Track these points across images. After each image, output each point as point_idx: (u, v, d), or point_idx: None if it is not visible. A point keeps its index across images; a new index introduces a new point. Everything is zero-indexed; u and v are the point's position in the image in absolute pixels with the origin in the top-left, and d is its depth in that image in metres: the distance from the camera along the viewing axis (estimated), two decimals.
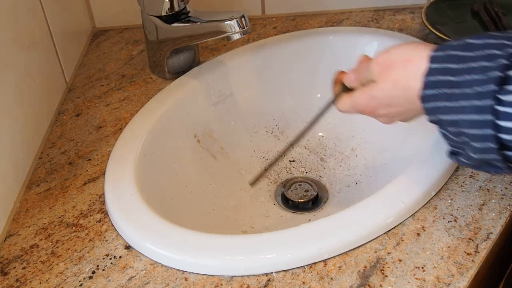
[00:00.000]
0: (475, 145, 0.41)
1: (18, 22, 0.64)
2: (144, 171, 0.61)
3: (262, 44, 0.81)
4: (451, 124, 0.42)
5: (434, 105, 0.43)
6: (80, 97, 0.76)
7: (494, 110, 0.39)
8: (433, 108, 0.43)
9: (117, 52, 0.85)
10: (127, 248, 0.54)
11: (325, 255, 0.50)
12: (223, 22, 0.66)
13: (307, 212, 0.70)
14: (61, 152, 0.66)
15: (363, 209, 0.53)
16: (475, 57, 0.41)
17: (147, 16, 0.72)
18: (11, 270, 0.52)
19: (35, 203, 0.60)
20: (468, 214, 0.54)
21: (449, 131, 0.44)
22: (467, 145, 0.43)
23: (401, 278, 0.48)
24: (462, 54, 0.41)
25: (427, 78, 0.43)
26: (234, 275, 0.50)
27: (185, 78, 0.75)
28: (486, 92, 0.39)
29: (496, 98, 0.39)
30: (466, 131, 0.41)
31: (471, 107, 0.40)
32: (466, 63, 0.41)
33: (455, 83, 0.41)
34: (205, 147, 0.73)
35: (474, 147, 0.41)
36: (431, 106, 0.43)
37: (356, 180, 0.72)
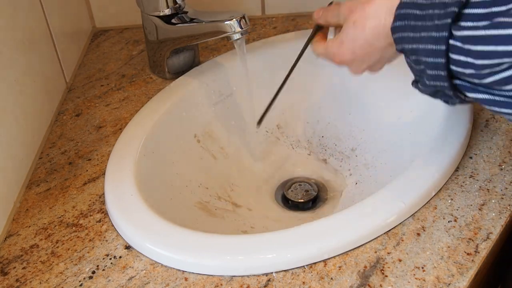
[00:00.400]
0: (429, 72, 0.45)
1: (18, 22, 0.64)
2: (144, 171, 0.61)
3: (262, 44, 0.81)
4: (412, 52, 0.46)
5: (401, 35, 0.47)
6: (80, 97, 0.76)
7: (447, 42, 0.43)
8: (399, 37, 0.48)
9: (117, 52, 0.85)
10: (127, 248, 0.54)
11: (325, 255, 0.50)
12: (223, 22, 0.66)
13: (307, 212, 0.70)
14: (61, 152, 0.66)
15: (363, 209, 0.53)
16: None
17: (147, 16, 0.72)
18: (11, 270, 0.52)
19: (35, 203, 0.60)
20: (468, 214, 0.54)
21: (411, 59, 0.48)
22: (423, 73, 0.47)
23: (401, 278, 0.48)
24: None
25: (398, 11, 0.48)
26: (234, 275, 0.50)
27: (185, 78, 0.75)
28: (442, 25, 0.43)
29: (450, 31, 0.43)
30: (423, 59, 0.45)
31: (429, 38, 0.44)
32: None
33: (419, 16, 0.46)
34: (205, 147, 0.73)
35: (428, 74, 0.46)
36: (398, 36, 0.48)
37: (356, 180, 0.72)
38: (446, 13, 0.43)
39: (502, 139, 0.62)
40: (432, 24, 0.44)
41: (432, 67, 0.45)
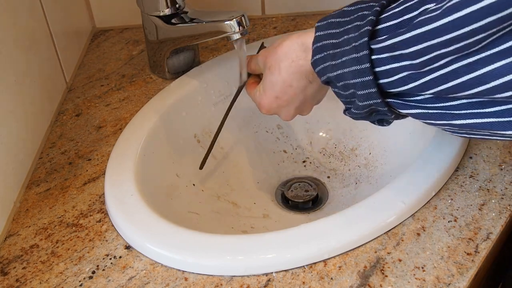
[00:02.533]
0: (360, 93, 0.46)
1: (18, 22, 0.64)
2: (144, 171, 0.61)
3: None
4: (338, 79, 0.47)
5: (323, 66, 0.48)
6: (80, 97, 0.76)
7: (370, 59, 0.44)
8: (322, 69, 0.48)
9: (117, 52, 0.85)
10: (127, 248, 0.54)
11: (325, 255, 0.50)
12: (223, 22, 0.66)
13: (307, 212, 0.70)
14: (61, 152, 0.66)
15: (363, 209, 0.53)
16: (350, 20, 0.47)
17: (147, 16, 0.72)
18: (11, 270, 0.52)
19: (35, 203, 0.60)
20: (468, 214, 0.54)
21: (338, 87, 0.48)
22: (354, 96, 0.47)
23: (401, 278, 0.48)
24: (340, 20, 0.48)
25: (315, 45, 0.49)
26: (234, 275, 0.50)
27: (185, 78, 0.75)
28: (361, 44, 0.44)
29: (370, 48, 0.44)
30: (351, 81, 0.46)
31: (351, 60, 0.45)
32: (344, 27, 0.47)
33: (336, 44, 0.47)
34: (205, 147, 0.73)
35: (359, 95, 0.46)
36: (320, 68, 0.48)
37: (356, 180, 0.72)
38: (361, 33, 0.45)
39: None
40: (351, 47, 0.45)
41: (361, 87, 0.45)
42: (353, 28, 0.46)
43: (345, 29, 0.47)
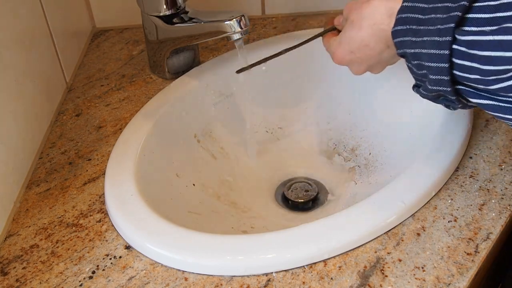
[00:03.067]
0: (432, 77, 0.45)
1: (18, 22, 0.64)
2: (144, 171, 0.61)
3: (262, 44, 0.81)
4: (414, 57, 0.46)
5: (402, 39, 0.47)
6: (80, 97, 0.76)
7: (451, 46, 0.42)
8: (400, 42, 0.47)
9: (117, 52, 0.85)
10: (127, 248, 0.54)
11: (325, 255, 0.50)
12: (223, 22, 0.66)
13: (307, 212, 0.70)
14: (61, 152, 0.66)
15: (363, 209, 0.53)
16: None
17: (147, 16, 0.72)
18: (11, 270, 0.52)
19: (35, 203, 0.60)
20: (468, 214, 0.54)
21: (413, 64, 0.47)
22: (426, 77, 0.46)
23: (401, 278, 0.48)
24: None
25: (399, 15, 0.47)
26: (234, 275, 0.50)
27: (185, 78, 0.75)
28: (446, 29, 0.42)
29: (454, 36, 0.42)
30: (426, 63, 0.45)
31: (432, 42, 0.44)
32: (433, 3, 0.45)
33: (422, 20, 0.45)
34: (205, 147, 0.73)
35: (431, 79, 0.45)
36: (399, 40, 0.47)
37: (356, 180, 0.72)
38: (449, 17, 0.42)
39: (502, 139, 0.62)
40: (435, 28, 0.43)
41: (435, 72, 0.44)
42: (443, 8, 0.43)
43: (434, 7, 0.44)
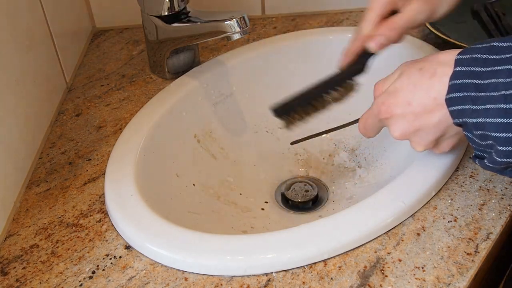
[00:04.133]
0: (501, 149, 0.41)
1: (18, 22, 0.64)
2: (144, 171, 0.61)
3: (262, 44, 0.81)
4: (477, 127, 0.42)
5: (460, 108, 0.43)
6: (80, 97, 0.76)
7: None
8: (458, 111, 0.43)
9: (117, 52, 0.85)
10: (127, 248, 0.54)
11: (325, 255, 0.50)
12: (223, 22, 0.66)
13: (307, 212, 0.70)
14: (61, 152, 0.66)
15: (363, 209, 0.53)
16: (500, 60, 0.40)
17: (147, 16, 0.72)
18: (11, 270, 0.52)
19: (35, 203, 0.60)
20: (468, 214, 0.54)
21: (474, 134, 0.43)
22: (492, 148, 0.42)
23: (401, 278, 0.48)
24: (487, 57, 0.41)
25: (452, 81, 0.43)
26: (234, 275, 0.50)
27: (185, 78, 0.75)
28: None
29: None
30: (492, 134, 0.41)
31: (498, 110, 0.40)
32: (491, 66, 0.41)
33: (480, 86, 0.41)
34: (205, 147, 0.73)
35: (499, 151, 0.41)
36: (457, 109, 0.43)
37: (356, 180, 0.72)
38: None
39: None
40: (499, 95, 0.39)
41: (504, 143, 0.40)
42: (505, 72, 0.39)
43: (493, 70, 0.40)
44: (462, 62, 0.43)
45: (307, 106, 0.59)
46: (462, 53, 0.44)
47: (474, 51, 0.43)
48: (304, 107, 0.59)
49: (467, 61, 0.43)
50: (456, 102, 0.43)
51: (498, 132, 0.40)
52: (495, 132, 0.40)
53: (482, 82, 0.41)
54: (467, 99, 0.42)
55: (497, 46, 0.42)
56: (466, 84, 0.42)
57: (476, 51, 0.43)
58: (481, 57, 0.42)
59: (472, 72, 0.42)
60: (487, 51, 0.42)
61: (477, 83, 0.41)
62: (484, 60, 0.41)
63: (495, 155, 0.42)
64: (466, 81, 0.42)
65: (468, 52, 0.43)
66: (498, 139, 0.40)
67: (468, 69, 0.42)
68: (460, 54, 0.44)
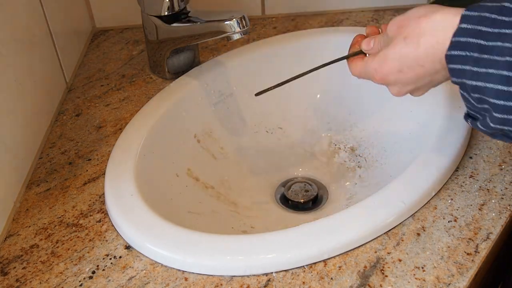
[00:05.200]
0: (497, 115, 0.40)
1: (18, 22, 0.64)
2: (144, 171, 0.61)
3: (262, 44, 0.81)
4: (475, 90, 0.41)
5: (461, 67, 0.41)
6: (80, 97, 0.76)
7: None
8: (459, 70, 0.41)
9: (117, 52, 0.85)
10: (127, 248, 0.54)
11: (325, 255, 0.50)
12: (223, 22, 0.66)
13: (307, 212, 0.70)
14: (61, 152, 0.66)
15: (363, 209, 0.53)
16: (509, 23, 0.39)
17: (147, 16, 0.72)
18: (11, 270, 0.52)
19: (35, 203, 0.60)
20: (468, 214, 0.54)
21: (472, 96, 0.42)
22: (487, 113, 0.41)
23: (401, 278, 0.48)
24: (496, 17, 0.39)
25: (455, 38, 0.41)
26: (234, 275, 0.50)
27: (185, 78, 0.75)
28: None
29: None
30: (490, 100, 0.40)
31: (499, 76, 0.38)
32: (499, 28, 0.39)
33: (485, 47, 0.39)
34: (205, 147, 0.73)
35: (494, 117, 0.40)
36: (457, 68, 0.42)
37: (356, 180, 0.72)
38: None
39: None
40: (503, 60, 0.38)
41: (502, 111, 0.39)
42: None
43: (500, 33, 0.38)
44: (469, 19, 0.41)
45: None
46: (470, 9, 0.41)
47: (483, 9, 0.41)
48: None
49: (475, 19, 0.40)
50: (457, 61, 0.41)
51: (497, 99, 0.39)
52: (494, 99, 0.39)
53: (487, 43, 0.39)
54: (469, 60, 0.40)
55: (509, 8, 0.39)
56: (470, 43, 0.40)
57: (485, 9, 0.40)
58: (490, 17, 0.40)
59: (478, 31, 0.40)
60: (497, 11, 0.40)
61: (481, 44, 0.39)
62: (493, 21, 0.39)
63: (489, 120, 0.41)
64: (470, 40, 0.40)
65: (477, 9, 0.41)
66: (496, 106, 0.39)
67: (474, 27, 0.40)
68: (468, 10, 0.41)
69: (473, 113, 0.44)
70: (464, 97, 0.43)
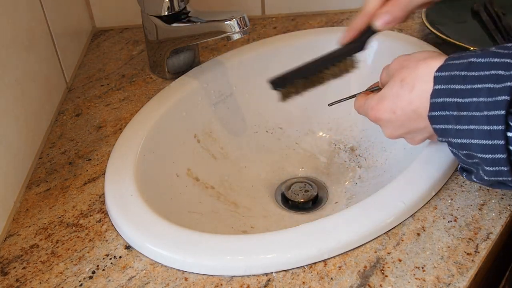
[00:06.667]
0: (488, 168, 0.40)
1: (18, 22, 0.64)
2: (144, 171, 0.61)
3: (262, 44, 0.81)
4: (461, 146, 0.42)
5: (443, 127, 0.42)
6: (80, 97, 0.76)
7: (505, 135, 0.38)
8: (442, 129, 0.43)
9: (117, 52, 0.85)
10: (127, 248, 0.54)
11: (325, 255, 0.50)
12: (223, 22, 0.66)
13: (307, 212, 0.70)
14: (61, 152, 0.66)
15: (363, 209, 0.53)
16: (479, 77, 0.40)
17: (147, 16, 0.72)
18: (11, 270, 0.52)
19: (35, 203, 0.60)
20: (468, 214, 0.54)
21: (460, 153, 0.43)
22: (479, 166, 0.42)
23: (401, 278, 0.48)
24: (466, 74, 0.40)
25: (433, 100, 0.42)
26: (234, 275, 0.50)
27: (185, 78, 0.75)
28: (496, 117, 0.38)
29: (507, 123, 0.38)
30: (478, 155, 0.40)
31: (482, 132, 0.39)
32: (471, 84, 0.40)
33: (461, 105, 0.40)
34: (205, 147, 0.73)
35: (486, 170, 0.41)
36: (441, 128, 0.43)
37: (356, 180, 0.72)
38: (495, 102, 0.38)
39: None
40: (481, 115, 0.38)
41: (491, 164, 0.40)
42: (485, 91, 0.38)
43: (473, 89, 0.39)
44: (441, 79, 0.42)
45: (304, 80, 0.59)
46: (440, 70, 0.43)
47: (452, 67, 0.42)
48: (301, 81, 0.59)
49: (446, 79, 0.42)
50: (439, 121, 0.42)
51: (484, 153, 0.40)
52: (481, 153, 0.40)
53: (463, 100, 0.40)
54: (450, 119, 0.41)
55: (475, 62, 0.40)
56: (447, 103, 0.41)
57: (454, 68, 0.42)
58: (460, 74, 0.41)
59: (452, 90, 0.41)
60: (466, 68, 0.41)
61: (458, 101, 0.40)
62: (464, 77, 0.40)
63: (483, 173, 0.42)
64: (447, 100, 0.41)
65: (446, 69, 0.42)
66: (484, 160, 0.40)
67: (447, 87, 0.41)
68: (438, 71, 0.43)
69: (467, 167, 0.45)
70: (454, 153, 0.44)
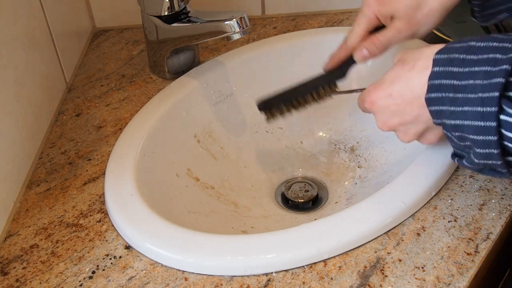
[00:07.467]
0: (478, 151, 0.41)
1: (18, 22, 0.64)
2: (144, 171, 0.61)
3: (262, 44, 0.81)
4: (455, 128, 0.42)
5: (439, 108, 0.43)
6: (80, 97, 0.76)
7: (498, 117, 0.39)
8: (437, 111, 0.43)
9: (117, 52, 0.85)
10: (127, 248, 0.54)
11: (325, 255, 0.50)
12: (223, 22, 0.66)
13: (307, 212, 0.70)
14: (61, 152, 0.66)
15: (363, 209, 0.53)
16: (477, 61, 0.40)
17: (147, 16, 0.72)
18: (11, 270, 0.52)
19: (35, 203, 0.60)
20: (468, 214, 0.54)
21: (453, 135, 0.44)
22: (470, 149, 0.43)
23: (401, 278, 0.48)
24: (465, 57, 0.41)
25: (430, 81, 0.43)
26: (234, 275, 0.50)
27: (185, 78, 0.75)
28: (490, 99, 0.38)
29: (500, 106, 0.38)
30: (470, 136, 0.41)
31: (475, 113, 0.40)
32: (469, 67, 0.40)
33: (458, 87, 0.41)
34: (205, 147, 0.73)
35: (477, 152, 0.41)
36: (436, 109, 0.43)
37: (356, 180, 0.72)
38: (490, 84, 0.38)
39: None
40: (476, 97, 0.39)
41: (482, 145, 0.40)
42: (482, 73, 0.39)
43: (470, 71, 0.40)
44: (440, 62, 0.43)
45: (289, 104, 0.63)
46: (440, 52, 0.43)
47: (452, 50, 0.42)
48: (286, 104, 0.63)
49: (445, 61, 0.42)
50: (435, 102, 0.43)
51: (476, 135, 0.40)
52: (472, 135, 0.40)
53: (460, 83, 0.41)
54: (446, 100, 0.42)
55: (475, 46, 0.41)
56: (444, 85, 0.42)
57: (454, 51, 0.42)
58: (458, 57, 0.41)
59: (450, 73, 0.41)
60: (465, 51, 0.41)
61: (455, 84, 0.41)
62: (462, 61, 0.41)
63: (473, 156, 0.42)
64: (444, 82, 0.42)
65: (446, 52, 0.43)
66: (475, 142, 0.41)
67: (446, 69, 0.42)
68: (438, 54, 0.43)
69: (459, 152, 0.46)
70: (448, 136, 0.45)
